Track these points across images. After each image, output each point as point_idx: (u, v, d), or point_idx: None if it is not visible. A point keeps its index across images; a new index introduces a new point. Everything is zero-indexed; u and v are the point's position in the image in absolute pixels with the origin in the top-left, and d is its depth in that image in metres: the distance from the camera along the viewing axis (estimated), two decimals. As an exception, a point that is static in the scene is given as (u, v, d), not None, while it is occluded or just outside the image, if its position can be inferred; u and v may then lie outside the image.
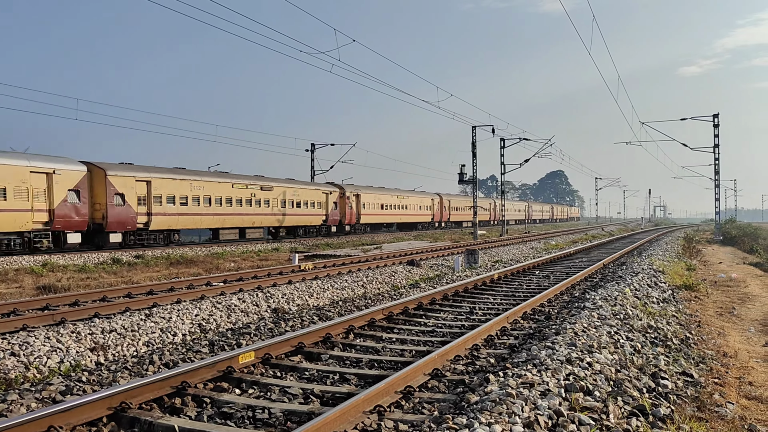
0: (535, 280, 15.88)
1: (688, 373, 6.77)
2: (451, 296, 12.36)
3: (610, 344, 7.40)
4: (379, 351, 7.80)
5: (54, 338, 8.24)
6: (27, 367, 7.22)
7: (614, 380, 5.98)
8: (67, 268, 18.94)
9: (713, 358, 7.84)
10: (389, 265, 19.72)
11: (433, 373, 6.40)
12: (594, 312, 9.41)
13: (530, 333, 8.74)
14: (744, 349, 8.54)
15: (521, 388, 5.33)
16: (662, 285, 14.44)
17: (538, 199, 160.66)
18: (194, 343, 8.50)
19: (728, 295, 14.35)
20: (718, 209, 47.45)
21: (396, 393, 5.69)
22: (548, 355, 6.51)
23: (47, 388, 6.05)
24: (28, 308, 11.12)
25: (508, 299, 12.31)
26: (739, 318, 11.31)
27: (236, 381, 6.35)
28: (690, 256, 27.30)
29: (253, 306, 11.56)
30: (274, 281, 14.89)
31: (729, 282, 17.12)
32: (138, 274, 18.11)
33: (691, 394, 6.09)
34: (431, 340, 8.38)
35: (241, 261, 22.95)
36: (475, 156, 44.82)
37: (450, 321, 9.91)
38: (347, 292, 14.19)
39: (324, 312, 10.88)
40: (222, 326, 10.12)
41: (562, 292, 13.35)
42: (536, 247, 32.14)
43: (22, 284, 15.23)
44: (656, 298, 12.13)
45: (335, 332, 8.45)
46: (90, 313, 10.42)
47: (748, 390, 6.50)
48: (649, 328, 8.93)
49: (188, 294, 12.59)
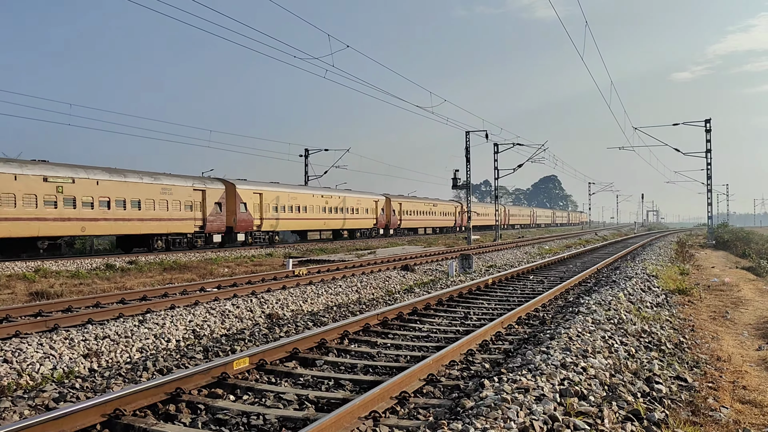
0: (529, 284, 15.91)
1: (683, 378, 6.79)
2: (445, 301, 12.36)
3: (604, 349, 7.42)
4: (374, 356, 7.79)
5: (47, 345, 8.20)
6: (20, 374, 7.18)
7: (609, 385, 5.99)
8: (60, 274, 18.84)
9: (707, 363, 7.87)
10: (383, 270, 19.71)
11: (428, 378, 6.40)
12: (588, 317, 9.44)
13: (525, 338, 8.75)
14: (738, 353, 8.58)
15: (516, 393, 5.33)
16: (656, 289, 14.49)
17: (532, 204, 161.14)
18: (188, 349, 8.46)
19: (721, 300, 14.41)
20: (711, 214, 47.70)
21: (391, 398, 5.68)
22: (543, 360, 6.52)
23: (40, 395, 6.01)
24: (21, 314, 11.05)
25: (502, 304, 12.33)
26: (732, 322, 11.36)
27: (231, 387, 6.32)
28: (683, 260, 27.41)
29: (248, 312, 11.53)
30: (269, 287, 14.86)
31: (722, 286, 17.20)
32: (131, 279, 18.03)
33: (686, 399, 6.11)
34: (426, 345, 8.38)
35: (235, 266, 22.88)
36: (469, 161, 44.93)
37: (445, 326, 9.90)
38: (342, 297, 14.17)
39: (318, 317, 10.86)
40: (216, 332, 10.09)
41: (557, 296, 13.37)
42: (530, 252, 32.21)
43: (14, 290, 15.13)
44: (650, 303, 12.18)
45: (330, 338, 8.43)
46: (83, 320, 10.36)
47: (742, 394, 6.52)
48: (643, 332, 8.96)
49: (182, 300, 12.54)
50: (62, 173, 24.37)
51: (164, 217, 29.02)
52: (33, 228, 23.29)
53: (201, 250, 30.45)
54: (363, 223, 48.88)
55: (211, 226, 31.93)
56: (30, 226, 23.15)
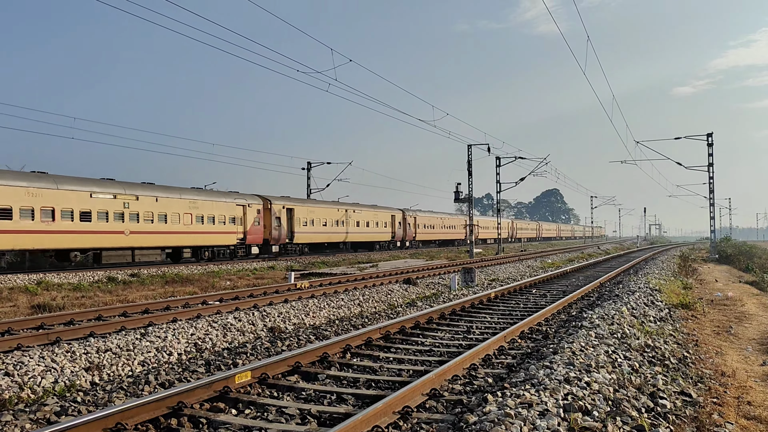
0: (532, 299, 15.87)
1: (687, 393, 6.75)
2: (448, 315, 12.33)
3: (607, 363, 7.38)
4: (376, 371, 7.76)
5: (49, 358, 8.18)
6: (21, 387, 7.16)
7: (613, 400, 5.95)
8: (62, 286, 18.84)
9: (711, 378, 7.82)
10: (385, 283, 19.68)
11: (431, 393, 6.37)
12: (591, 331, 9.40)
13: (528, 352, 8.71)
14: (742, 369, 8.53)
15: (519, 408, 5.31)
16: (659, 304, 14.44)
17: (534, 217, 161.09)
18: (190, 363, 8.44)
19: (725, 314, 14.35)
20: (713, 228, 47.61)
21: (394, 413, 5.66)
22: (546, 375, 6.49)
23: (42, 409, 5.99)
24: (23, 327, 11.04)
25: (505, 318, 12.29)
26: (736, 337, 11.30)
27: (233, 401, 6.30)
28: (686, 274, 27.31)
29: (250, 325, 11.50)
30: (271, 300, 14.83)
31: (725, 301, 17.13)
32: (133, 292, 18.02)
33: (690, 414, 6.07)
34: (429, 359, 8.35)
35: (237, 279, 22.86)
36: (471, 174, 44.97)
37: (447, 340, 9.87)
38: (343, 310, 14.14)
39: (320, 331, 10.83)
40: (218, 345, 10.06)
41: (559, 311, 13.33)
42: (533, 266, 32.14)
43: (16, 303, 15.13)
44: (653, 317, 12.13)
45: (332, 351, 8.41)
46: (85, 333, 10.35)
47: (747, 410, 6.48)
48: (647, 347, 8.92)
49: (184, 313, 12.52)
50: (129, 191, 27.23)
51: (212, 231, 31.58)
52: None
53: (203, 264, 30.49)
54: (381, 237, 51.07)
55: (250, 238, 34.36)
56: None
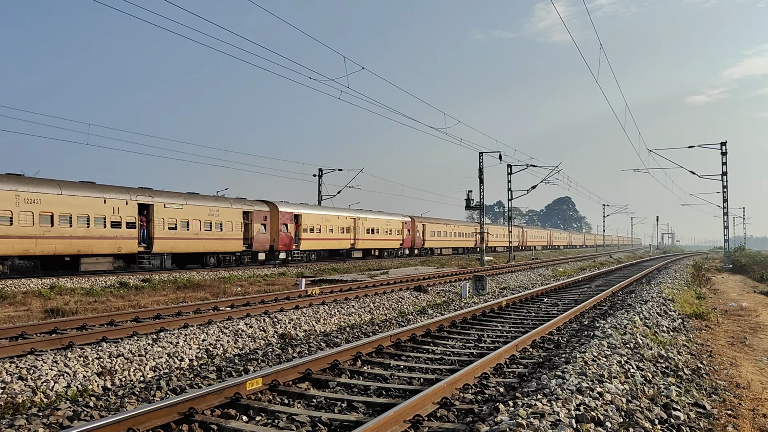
0: (543, 307, 15.77)
1: (701, 404, 6.67)
2: (459, 323, 12.29)
3: (620, 374, 7.31)
4: (387, 378, 7.74)
5: (61, 362, 8.23)
6: (34, 391, 7.21)
7: (625, 411, 5.89)
8: (75, 291, 18.98)
9: (726, 389, 7.73)
10: (396, 290, 19.65)
11: (442, 401, 6.34)
12: (604, 341, 9.33)
13: (540, 362, 8.65)
14: (757, 380, 8.42)
15: (531, 418, 5.27)
16: (672, 313, 14.30)
17: (546, 225, 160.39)
18: (201, 369, 8.46)
19: (739, 325, 14.18)
20: (727, 237, 47.12)
21: (405, 422, 5.63)
22: (558, 385, 6.44)
23: (55, 414, 6.02)
24: (36, 332, 11.13)
25: (516, 327, 12.22)
26: (751, 348, 11.16)
27: (244, 408, 6.31)
28: (699, 284, 27.06)
29: (260, 331, 11.52)
30: (281, 306, 14.86)
31: (740, 311, 16.93)
32: (145, 298, 18.11)
33: (704, 426, 5.99)
34: (440, 368, 8.31)
35: (248, 285, 22.92)
36: (482, 182, 44.82)
37: (458, 348, 9.83)
38: (354, 317, 14.13)
39: (331, 338, 10.82)
40: (229, 351, 10.08)
41: (571, 320, 13.24)
42: (544, 274, 31.97)
43: (30, 307, 15.25)
44: (666, 327, 12.01)
45: (343, 359, 8.40)
46: (97, 337, 10.42)
47: (762, 422, 6.39)
48: (660, 357, 8.83)
49: (195, 318, 12.57)
50: (348, 213, 29.94)
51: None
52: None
53: (214, 270, 30.59)
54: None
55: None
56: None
